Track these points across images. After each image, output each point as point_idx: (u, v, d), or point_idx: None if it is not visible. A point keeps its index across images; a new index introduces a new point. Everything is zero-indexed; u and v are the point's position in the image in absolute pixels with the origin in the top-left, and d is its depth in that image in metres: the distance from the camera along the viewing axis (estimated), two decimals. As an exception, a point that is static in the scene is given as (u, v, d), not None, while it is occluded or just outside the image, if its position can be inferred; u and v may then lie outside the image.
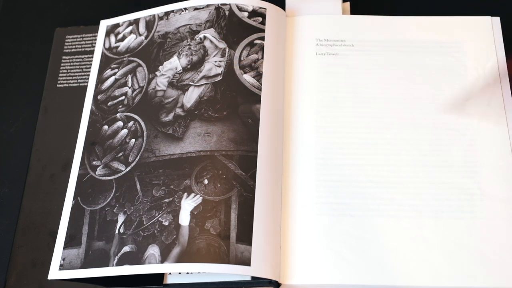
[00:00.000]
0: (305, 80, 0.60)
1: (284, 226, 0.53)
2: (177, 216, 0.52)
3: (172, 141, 0.56)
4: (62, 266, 0.53)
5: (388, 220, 0.53)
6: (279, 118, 0.58)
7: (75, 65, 0.65)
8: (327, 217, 0.54)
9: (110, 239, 0.53)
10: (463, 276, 0.50)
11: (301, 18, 0.64)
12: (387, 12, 0.64)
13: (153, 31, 0.63)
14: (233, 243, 0.50)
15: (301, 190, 0.55)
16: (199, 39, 0.61)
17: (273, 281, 0.51)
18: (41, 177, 0.59)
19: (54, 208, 0.57)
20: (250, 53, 0.59)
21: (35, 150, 0.61)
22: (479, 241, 0.52)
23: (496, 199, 0.54)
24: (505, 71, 0.48)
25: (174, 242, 0.51)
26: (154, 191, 0.54)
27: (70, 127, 0.61)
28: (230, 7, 0.62)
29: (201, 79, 0.59)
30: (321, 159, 0.56)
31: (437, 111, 0.58)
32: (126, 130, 0.58)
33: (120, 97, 0.60)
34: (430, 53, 0.61)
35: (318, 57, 0.61)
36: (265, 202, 0.53)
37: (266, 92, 0.57)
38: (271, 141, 0.56)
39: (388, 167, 0.55)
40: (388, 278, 0.51)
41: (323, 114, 0.58)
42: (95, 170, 0.57)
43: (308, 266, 0.52)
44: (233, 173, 0.53)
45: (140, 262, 0.51)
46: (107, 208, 0.54)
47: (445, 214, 0.53)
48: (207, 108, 0.57)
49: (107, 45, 0.64)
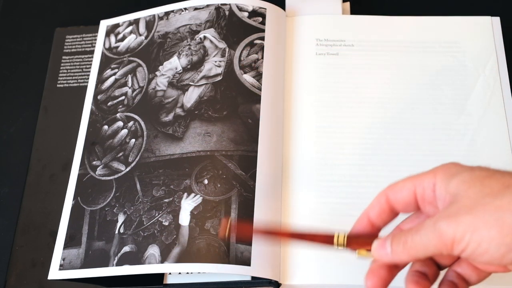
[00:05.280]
0: (305, 80, 0.60)
1: (284, 226, 0.53)
2: (177, 216, 0.52)
3: (172, 141, 0.56)
4: (62, 266, 0.53)
5: (388, 220, 0.53)
6: (279, 118, 0.58)
7: (75, 65, 0.65)
8: (327, 217, 0.53)
9: (110, 239, 0.53)
10: (463, 276, 0.50)
11: (301, 18, 0.64)
12: (387, 12, 0.64)
13: (153, 31, 0.63)
14: (233, 243, 0.50)
15: (301, 190, 0.55)
16: (199, 39, 0.61)
17: (273, 281, 0.51)
18: (41, 177, 0.59)
19: (54, 208, 0.57)
20: (250, 53, 0.59)
21: (35, 150, 0.61)
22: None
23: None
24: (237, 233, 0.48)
25: (174, 242, 0.51)
26: (154, 191, 0.54)
27: (70, 127, 0.61)
28: (230, 7, 0.62)
29: (201, 79, 0.59)
30: (321, 159, 0.56)
31: (437, 111, 0.58)
32: (126, 130, 0.58)
33: (120, 97, 0.60)
34: (430, 53, 0.61)
35: (318, 57, 0.61)
36: (265, 202, 0.53)
37: (266, 92, 0.57)
38: (271, 141, 0.56)
39: (388, 167, 0.55)
40: (388, 278, 0.51)
41: (323, 114, 0.58)
42: (95, 170, 0.57)
43: (308, 266, 0.52)
44: (233, 173, 0.53)
45: (140, 262, 0.51)
46: (107, 208, 0.54)
47: (445, 214, 0.53)
48: (207, 108, 0.57)
49: (107, 45, 0.64)
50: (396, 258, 0.39)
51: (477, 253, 0.35)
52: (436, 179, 0.38)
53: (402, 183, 0.41)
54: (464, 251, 0.35)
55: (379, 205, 0.42)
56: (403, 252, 0.38)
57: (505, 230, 0.34)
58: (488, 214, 0.34)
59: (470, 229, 0.35)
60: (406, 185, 0.40)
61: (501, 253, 0.35)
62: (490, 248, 0.34)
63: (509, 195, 0.34)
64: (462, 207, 0.35)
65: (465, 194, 0.36)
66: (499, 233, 0.34)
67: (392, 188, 0.41)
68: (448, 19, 0.63)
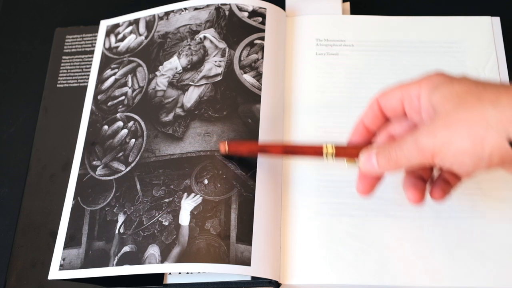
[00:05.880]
0: (305, 80, 0.60)
1: (284, 226, 0.53)
2: (177, 216, 0.52)
3: (172, 141, 0.56)
4: (62, 266, 0.53)
5: (388, 220, 0.53)
6: (279, 118, 0.58)
7: (75, 65, 0.65)
8: (327, 217, 0.53)
9: (110, 239, 0.53)
10: (463, 276, 0.50)
11: (301, 18, 0.64)
12: (387, 12, 0.64)
13: (153, 31, 0.63)
14: (233, 243, 0.50)
15: (301, 190, 0.55)
16: (199, 39, 0.61)
17: (273, 281, 0.51)
18: (41, 177, 0.59)
19: (54, 208, 0.57)
20: (250, 53, 0.59)
21: (35, 150, 0.61)
22: (479, 241, 0.52)
23: (496, 199, 0.54)
24: None
25: (174, 242, 0.51)
26: (154, 191, 0.54)
27: (70, 127, 0.61)
28: (230, 7, 0.62)
29: (201, 79, 0.59)
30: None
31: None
32: (126, 130, 0.58)
33: (120, 97, 0.60)
34: (430, 53, 0.61)
35: (318, 57, 0.61)
36: (265, 202, 0.53)
37: (266, 92, 0.57)
38: (271, 141, 0.56)
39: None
40: (388, 278, 0.51)
41: (323, 114, 0.58)
42: (95, 170, 0.57)
43: (308, 266, 0.52)
44: (233, 173, 0.53)
45: (140, 262, 0.51)
46: (107, 208, 0.54)
47: (445, 214, 0.53)
48: (207, 108, 0.57)
49: (107, 45, 0.64)
50: (382, 170, 0.43)
51: (454, 164, 0.39)
52: (421, 89, 0.42)
53: (391, 91, 0.44)
54: (443, 163, 0.40)
55: (372, 112, 0.46)
56: (388, 165, 0.42)
57: (476, 143, 0.38)
58: (462, 129, 0.38)
59: (446, 142, 0.39)
60: (394, 93, 0.44)
61: (473, 163, 0.39)
62: (465, 160, 0.39)
63: (481, 109, 0.38)
64: (440, 121, 0.39)
65: (443, 110, 0.40)
66: (471, 146, 0.38)
67: (383, 95, 0.45)
68: (448, 19, 0.63)
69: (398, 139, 0.42)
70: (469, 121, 0.38)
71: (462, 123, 0.38)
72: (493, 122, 0.37)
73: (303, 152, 0.49)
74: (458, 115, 0.38)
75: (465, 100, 0.39)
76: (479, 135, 0.37)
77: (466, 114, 0.38)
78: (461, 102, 0.39)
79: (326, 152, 0.46)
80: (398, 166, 0.42)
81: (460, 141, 0.38)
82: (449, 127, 0.39)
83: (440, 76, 0.42)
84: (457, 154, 0.39)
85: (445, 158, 0.39)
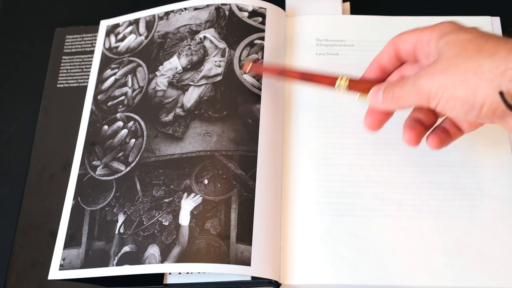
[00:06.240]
0: (305, 80, 0.60)
1: (284, 226, 0.53)
2: (177, 216, 0.52)
3: (172, 141, 0.56)
4: (62, 266, 0.53)
5: (388, 220, 0.53)
6: (279, 118, 0.58)
7: (75, 65, 0.65)
8: (327, 217, 0.54)
9: (110, 239, 0.53)
10: (463, 276, 0.50)
11: (301, 18, 0.64)
12: (387, 12, 0.64)
13: (153, 31, 0.63)
14: (233, 243, 0.50)
15: (301, 190, 0.55)
16: (199, 39, 0.61)
17: (273, 281, 0.51)
18: (41, 177, 0.59)
19: (54, 208, 0.57)
20: (250, 53, 0.59)
21: (35, 150, 0.61)
22: (479, 241, 0.52)
23: (496, 199, 0.54)
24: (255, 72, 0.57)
25: (174, 242, 0.51)
26: (154, 191, 0.54)
27: (70, 127, 0.61)
28: (230, 7, 0.62)
29: (201, 79, 0.59)
30: (321, 159, 0.56)
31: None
32: (126, 130, 0.58)
33: (120, 97, 0.60)
34: (430, 53, 0.61)
35: (318, 57, 0.61)
36: (265, 202, 0.53)
37: (266, 92, 0.57)
38: (271, 141, 0.56)
39: (388, 167, 0.55)
40: (388, 278, 0.51)
41: (323, 114, 0.58)
42: (95, 170, 0.57)
43: (308, 266, 0.52)
44: (233, 173, 0.53)
45: (140, 262, 0.51)
46: (107, 208, 0.54)
47: (445, 214, 0.53)
48: (207, 108, 0.57)
49: (107, 45, 0.64)
50: (386, 106, 0.46)
51: (447, 108, 0.41)
52: (432, 35, 0.43)
53: (407, 34, 0.46)
54: (437, 106, 0.41)
55: (388, 52, 0.48)
56: (391, 102, 0.45)
57: (469, 91, 0.39)
58: (457, 75, 0.39)
59: (442, 87, 0.40)
60: (410, 36, 0.45)
61: (464, 111, 0.40)
62: (456, 106, 0.40)
63: (478, 59, 0.39)
64: (439, 66, 0.41)
65: (445, 55, 0.41)
66: (463, 93, 0.39)
67: (400, 37, 0.47)
68: (448, 19, 0.63)
69: (405, 79, 0.44)
70: (465, 69, 0.39)
71: (458, 70, 0.39)
72: (487, 73, 0.38)
73: (318, 80, 0.50)
74: (456, 62, 0.40)
75: (466, 48, 0.40)
76: (473, 83, 0.39)
77: (463, 62, 0.39)
78: (462, 50, 0.40)
79: (339, 83, 0.48)
80: (398, 104, 0.44)
81: (454, 87, 0.39)
82: (446, 73, 0.40)
83: (451, 24, 0.43)
84: (450, 99, 0.40)
85: (439, 101, 0.41)
